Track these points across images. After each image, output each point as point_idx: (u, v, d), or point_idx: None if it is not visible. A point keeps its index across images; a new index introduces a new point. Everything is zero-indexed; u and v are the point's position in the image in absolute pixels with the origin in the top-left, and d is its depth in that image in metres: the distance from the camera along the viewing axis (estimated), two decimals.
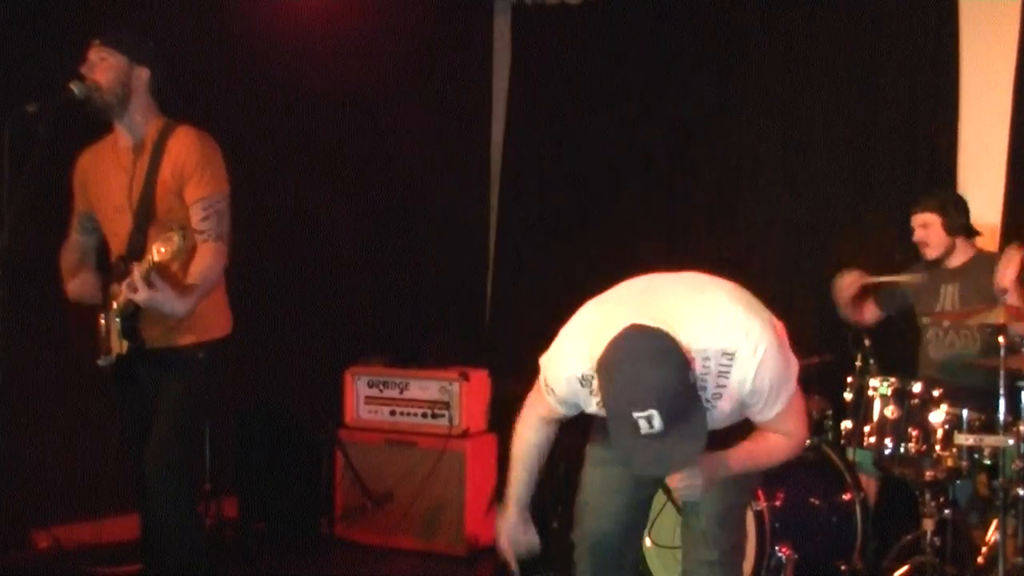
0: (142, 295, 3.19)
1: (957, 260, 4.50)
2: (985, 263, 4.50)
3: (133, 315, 3.38)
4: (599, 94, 6.06)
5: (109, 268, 3.54)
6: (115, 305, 3.40)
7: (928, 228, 4.48)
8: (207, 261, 3.36)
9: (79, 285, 3.55)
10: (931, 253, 4.50)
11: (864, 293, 4.69)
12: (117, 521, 4.41)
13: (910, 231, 4.59)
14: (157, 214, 3.39)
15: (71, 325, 3.60)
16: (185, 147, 3.39)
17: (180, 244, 3.14)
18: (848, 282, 4.63)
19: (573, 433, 3.49)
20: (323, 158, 5.65)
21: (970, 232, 4.52)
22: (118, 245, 3.48)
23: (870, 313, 4.72)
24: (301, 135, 5.53)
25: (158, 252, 3.13)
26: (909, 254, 4.79)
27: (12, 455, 3.43)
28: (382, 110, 5.89)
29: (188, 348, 3.44)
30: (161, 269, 3.21)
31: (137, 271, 3.20)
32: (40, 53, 4.34)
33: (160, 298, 3.21)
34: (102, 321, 3.50)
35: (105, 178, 3.51)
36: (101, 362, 3.52)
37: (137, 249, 3.37)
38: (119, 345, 3.43)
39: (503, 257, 6.52)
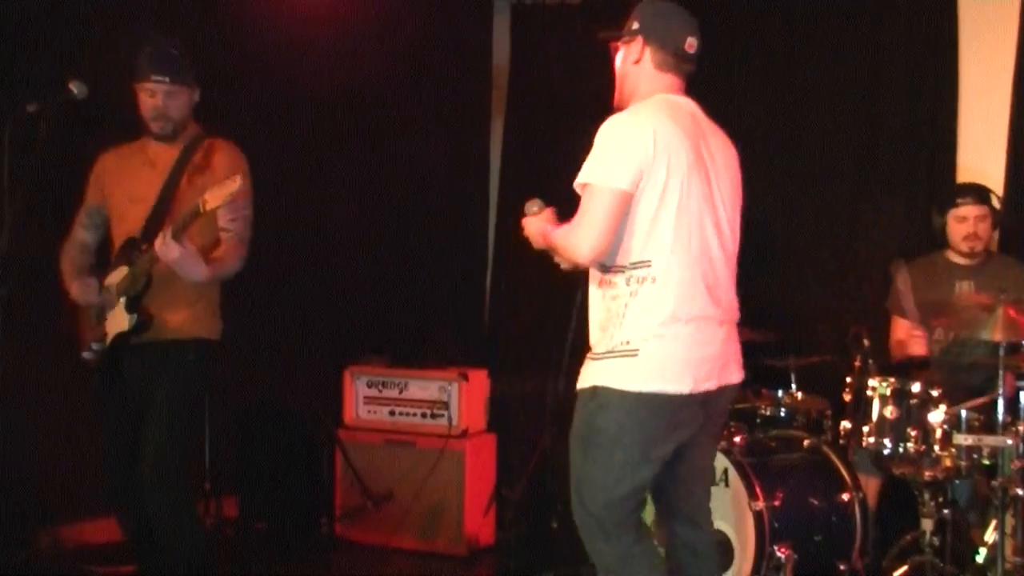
0: (174, 252, 3.25)
1: (976, 257, 4.50)
2: (998, 262, 4.52)
3: (140, 293, 3.44)
4: (598, 94, 6.05)
5: (110, 259, 3.59)
6: (118, 284, 3.45)
7: (985, 222, 4.45)
8: (230, 251, 3.50)
9: (82, 288, 3.59)
10: (979, 246, 4.46)
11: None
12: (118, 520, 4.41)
13: (936, 224, 4.55)
14: (176, 206, 3.46)
15: (78, 326, 3.61)
16: (222, 154, 3.56)
17: (237, 186, 3.18)
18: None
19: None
20: (322, 158, 5.65)
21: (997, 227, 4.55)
22: (128, 232, 3.54)
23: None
24: (300, 135, 5.53)
25: (212, 199, 3.19)
26: (911, 254, 4.80)
27: (12, 455, 3.44)
28: (382, 110, 5.89)
29: (180, 344, 3.47)
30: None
31: (168, 230, 3.27)
32: (40, 53, 4.35)
33: (188, 259, 3.30)
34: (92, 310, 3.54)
35: (127, 172, 3.60)
36: (87, 354, 3.54)
37: (152, 233, 3.43)
38: (121, 322, 3.45)
39: (502, 257, 6.52)
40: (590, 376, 2.89)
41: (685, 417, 2.88)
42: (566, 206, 3.13)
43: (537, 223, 3.07)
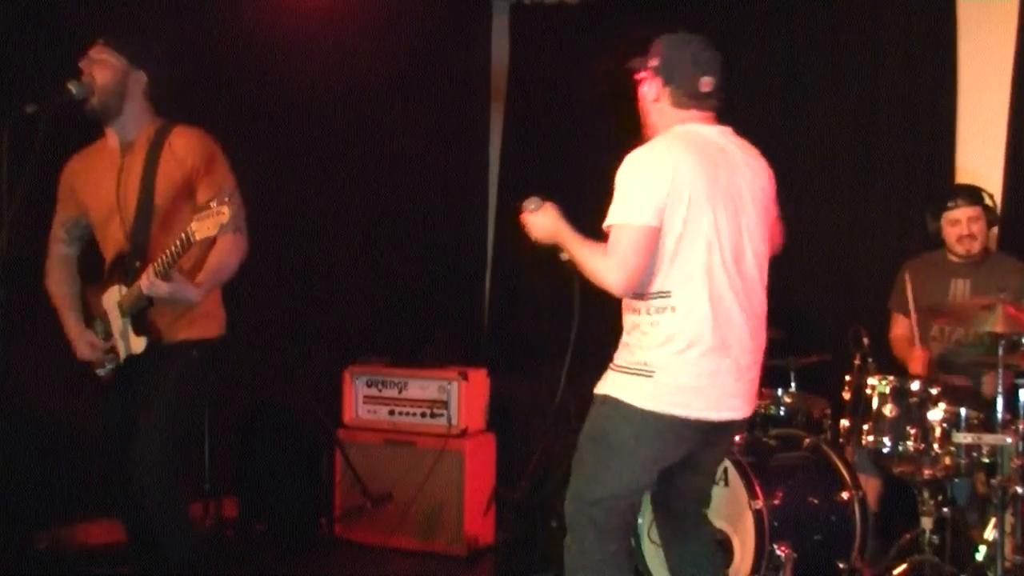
0: (163, 290, 3.21)
1: (974, 255, 4.50)
2: (995, 260, 4.52)
3: (144, 311, 3.39)
4: (598, 94, 6.06)
5: (104, 272, 3.54)
6: (119, 303, 3.42)
7: (979, 222, 4.45)
8: (227, 251, 3.39)
9: (87, 347, 3.52)
10: (976, 247, 4.46)
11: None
12: (116, 522, 4.40)
13: (930, 228, 4.56)
14: (159, 211, 3.39)
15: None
16: (191, 145, 3.41)
17: (231, 214, 3.03)
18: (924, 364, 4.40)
19: (571, 433, 3.48)
20: (322, 158, 5.65)
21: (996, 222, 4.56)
22: (115, 246, 3.47)
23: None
24: (299, 136, 5.53)
25: (200, 229, 3.07)
26: (908, 254, 4.80)
27: (12, 456, 3.43)
28: (381, 110, 5.89)
29: (182, 345, 3.44)
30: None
31: (152, 267, 3.21)
32: (40, 53, 4.35)
33: (180, 289, 3.25)
34: (98, 330, 3.50)
35: (97, 180, 3.50)
36: (101, 372, 3.50)
37: (141, 246, 3.37)
38: (134, 345, 3.43)
39: (502, 257, 6.52)
40: (610, 385, 3.01)
41: (690, 437, 3.00)
42: (565, 206, 3.14)
43: (549, 220, 3.14)
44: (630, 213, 2.89)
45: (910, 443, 3.91)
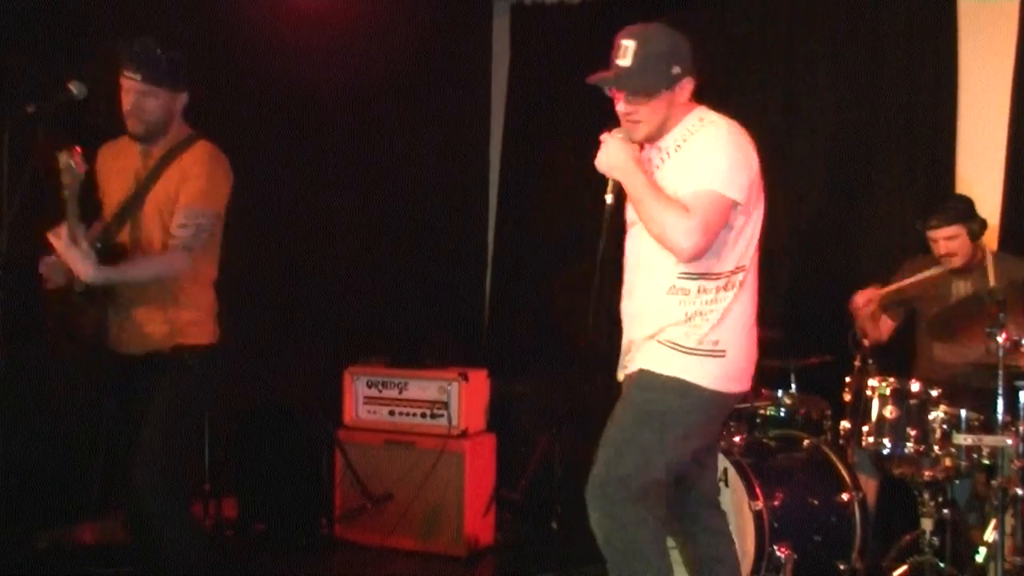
0: (59, 245, 3.19)
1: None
2: (996, 260, 4.52)
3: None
4: (598, 94, 6.05)
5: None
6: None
7: (957, 240, 4.44)
8: (165, 258, 3.39)
9: (48, 264, 3.46)
10: (959, 262, 4.46)
11: (881, 308, 4.55)
12: (117, 522, 4.40)
13: (922, 237, 4.56)
14: (145, 213, 3.43)
15: (51, 332, 3.58)
16: (196, 159, 3.46)
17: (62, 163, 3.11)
18: (866, 300, 4.46)
19: (573, 434, 3.48)
20: (321, 158, 5.66)
21: (985, 231, 4.54)
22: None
23: (886, 328, 4.62)
24: (300, 135, 5.53)
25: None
26: (908, 254, 4.80)
27: (12, 456, 3.43)
28: (381, 110, 5.89)
29: (177, 352, 3.45)
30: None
31: (67, 224, 3.19)
32: (40, 53, 4.35)
33: (72, 253, 3.19)
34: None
35: (118, 172, 3.55)
36: (77, 287, 3.41)
37: (111, 233, 3.41)
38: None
39: (502, 257, 6.52)
40: (680, 368, 2.97)
41: (727, 410, 3.17)
42: (565, 205, 3.15)
43: (622, 154, 3.04)
44: (724, 183, 2.87)
45: (910, 444, 3.91)
